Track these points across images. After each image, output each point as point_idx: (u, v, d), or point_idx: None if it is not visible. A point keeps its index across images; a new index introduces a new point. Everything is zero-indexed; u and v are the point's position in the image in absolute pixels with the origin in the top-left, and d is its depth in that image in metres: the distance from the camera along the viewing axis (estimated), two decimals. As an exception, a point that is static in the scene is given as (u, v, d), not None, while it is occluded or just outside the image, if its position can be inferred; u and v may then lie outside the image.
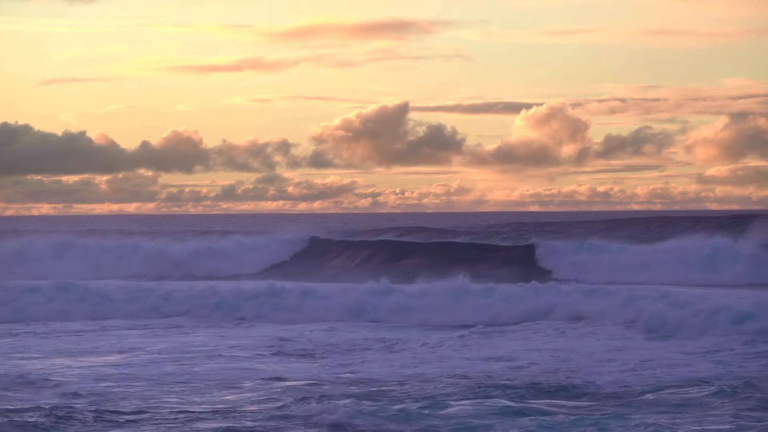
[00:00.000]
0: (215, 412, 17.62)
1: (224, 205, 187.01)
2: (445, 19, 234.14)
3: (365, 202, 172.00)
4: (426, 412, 17.06)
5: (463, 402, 17.95)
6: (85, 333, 30.09)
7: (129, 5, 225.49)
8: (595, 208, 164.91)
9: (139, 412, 17.67)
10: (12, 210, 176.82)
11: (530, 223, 76.08)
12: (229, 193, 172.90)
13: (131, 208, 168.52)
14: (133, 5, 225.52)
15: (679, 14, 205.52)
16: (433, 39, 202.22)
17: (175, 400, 18.90)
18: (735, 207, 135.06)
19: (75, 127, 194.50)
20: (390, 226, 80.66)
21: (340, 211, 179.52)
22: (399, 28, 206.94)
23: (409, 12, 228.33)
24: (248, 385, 20.52)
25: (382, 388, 19.83)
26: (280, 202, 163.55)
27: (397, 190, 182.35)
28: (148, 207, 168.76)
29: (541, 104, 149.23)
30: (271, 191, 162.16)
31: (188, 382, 20.91)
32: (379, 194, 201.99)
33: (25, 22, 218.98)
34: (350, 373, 22.14)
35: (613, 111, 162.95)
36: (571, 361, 23.22)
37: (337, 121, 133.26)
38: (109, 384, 20.53)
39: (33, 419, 16.68)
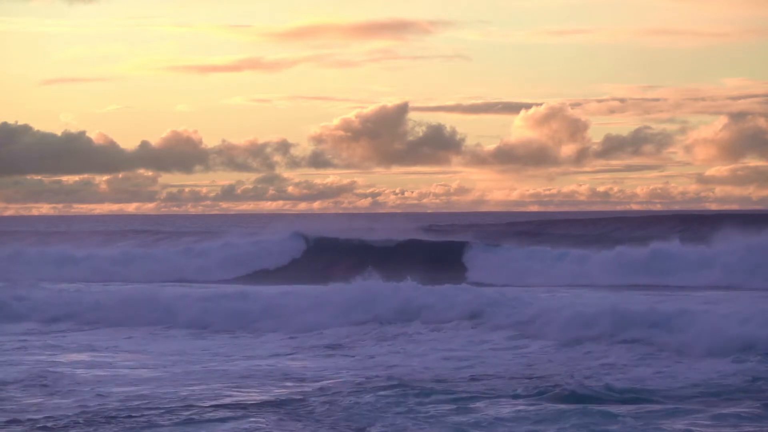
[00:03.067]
0: (260, 407, 17.83)
1: (224, 205, 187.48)
2: (444, 19, 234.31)
3: (365, 202, 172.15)
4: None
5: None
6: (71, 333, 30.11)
7: (129, 5, 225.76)
8: (594, 208, 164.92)
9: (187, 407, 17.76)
10: (12, 210, 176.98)
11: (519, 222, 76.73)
12: (228, 193, 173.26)
13: (131, 208, 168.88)
14: (132, 5, 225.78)
15: (678, 14, 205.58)
16: (432, 39, 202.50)
17: (214, 397, 18.97)
18: (735, 207, 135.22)
19: (75, 127, 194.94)
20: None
21: (340, 211, 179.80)
22: (398, 28, 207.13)
23: (409, 12, 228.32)
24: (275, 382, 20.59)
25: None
26: (280, 202, 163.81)
27: (397, 190, 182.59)
28: (148, 207, 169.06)
29: (541, 104, 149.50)
30: (271, 191, 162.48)
31: (221, 380, 20.97)
32: (379, 194, 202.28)
33: (25, 22, 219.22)
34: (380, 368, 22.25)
35: (612, 111, 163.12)
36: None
37: (336, 121, 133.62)
38: (137, 385, 20.53)
39: (72, 423, 16.86)
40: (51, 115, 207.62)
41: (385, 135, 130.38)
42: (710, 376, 20.56)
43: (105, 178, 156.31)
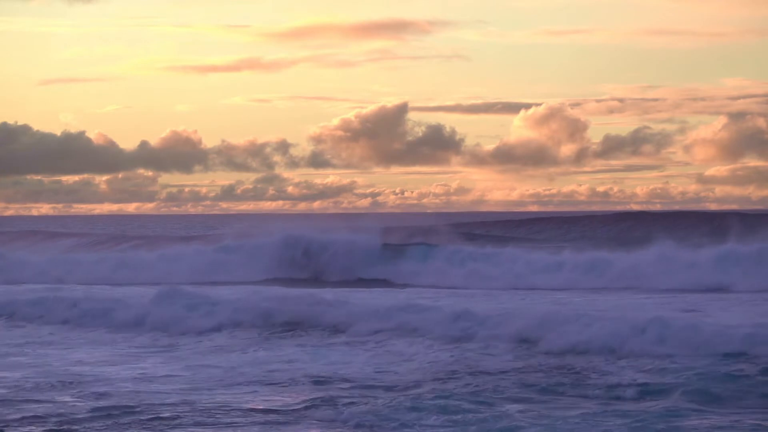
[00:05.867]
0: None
1: (224, 205, 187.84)
2: (443, 19, 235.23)
3: (365, 202, 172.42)
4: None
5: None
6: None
7: (128, 5, 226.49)
8: (594, 207, 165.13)
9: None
10: (12, 210, 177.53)
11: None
12: (228, 193, 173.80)
13: (131, 208, 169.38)
14: (132, 5, 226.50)
15: (678, 14, 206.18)
16: (431, 39, 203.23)
17: (244, 400, 18.87)
18: (734, 207, 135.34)
19: (74, 127, 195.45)
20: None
21: (340, 211, 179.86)
22: (397, 28, 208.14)
23: (408, 12, 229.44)
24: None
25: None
26: (280, 202, 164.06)
27: (397, 190, 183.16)
28: (148, 207, 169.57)
29: (540, 104, 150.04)
30: (271, 191, 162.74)
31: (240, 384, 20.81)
32: (378, 194, 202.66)
33: (24, 22, 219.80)
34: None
35: (611, 111, 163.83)
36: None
37: (336, 121, 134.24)
38: (149, 386, 20.37)
39: (99, 423, 16.89)
40: (50, 115, 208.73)
41: (385, 135, 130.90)
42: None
43: (105, 178, 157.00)
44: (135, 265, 55.45)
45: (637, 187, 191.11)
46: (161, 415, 17.40)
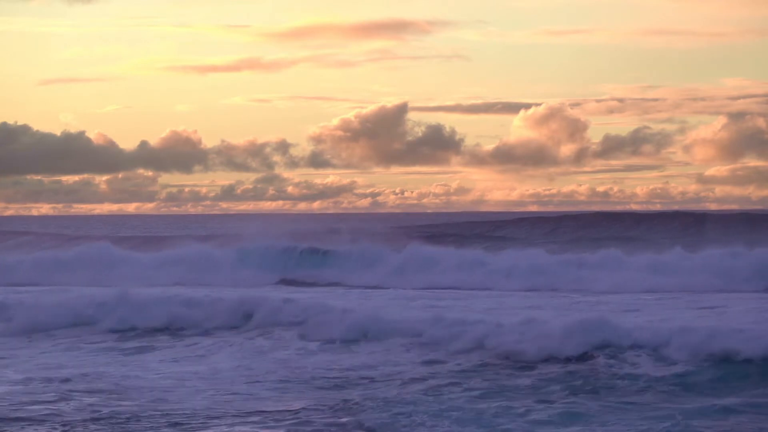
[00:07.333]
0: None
1: (224, 205, 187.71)
2: (443, 19, 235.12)
3: (365, 202, 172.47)
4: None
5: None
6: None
7: (128, 5, 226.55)
8: (594, 207, 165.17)
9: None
10: (12, 210, 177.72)
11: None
12: (228, 193, 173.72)
13: (131, 208, 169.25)
14: (132, 5, 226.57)
15: (677, 14, 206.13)
16: (431, 39, 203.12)
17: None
18: (734, 207, 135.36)
19: (74, 127, 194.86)
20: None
21: (340, 211, 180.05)
22: (397, 28, 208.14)
23: (407, 12, 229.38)
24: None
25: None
26: (280, 202, 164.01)
27: (397, 190, 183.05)
28: (148, 207, 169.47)
29: (540, 104, 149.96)
30: (271, 191, 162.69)
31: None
32: (378, 194, 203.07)
33: (24, 22, 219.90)
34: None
35: (611, 111, 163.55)
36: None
37: (335, 121, 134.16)
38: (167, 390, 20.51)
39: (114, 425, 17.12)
40: (50, 115, 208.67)
41: (385, 135, 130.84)
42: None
43: (105, 178, 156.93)
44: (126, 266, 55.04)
45: (637, 187, 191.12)
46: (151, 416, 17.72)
